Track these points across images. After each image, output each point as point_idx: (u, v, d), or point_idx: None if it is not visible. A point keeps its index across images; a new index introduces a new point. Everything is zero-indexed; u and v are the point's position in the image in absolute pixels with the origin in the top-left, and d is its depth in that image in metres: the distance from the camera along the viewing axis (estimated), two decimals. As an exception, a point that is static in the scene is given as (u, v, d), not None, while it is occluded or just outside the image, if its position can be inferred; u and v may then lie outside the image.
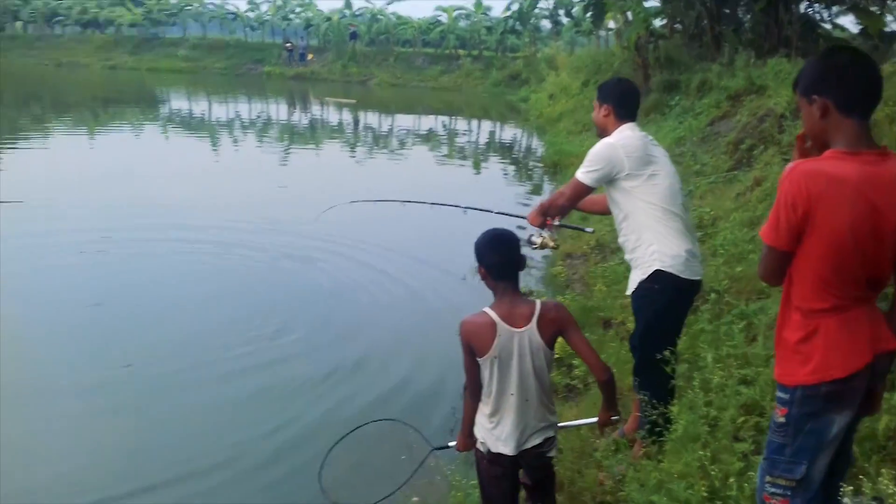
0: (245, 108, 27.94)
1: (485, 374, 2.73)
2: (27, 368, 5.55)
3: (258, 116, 25.54)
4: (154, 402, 5.13)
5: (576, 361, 4.88)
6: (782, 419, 2.24)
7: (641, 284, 3.47)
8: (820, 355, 2.17)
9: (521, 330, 2.66)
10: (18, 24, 53.48)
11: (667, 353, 3.23)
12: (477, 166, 16.63)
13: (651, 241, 3.42)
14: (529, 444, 2.76)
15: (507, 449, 2.74)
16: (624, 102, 3.61)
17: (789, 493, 2.25)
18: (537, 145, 17.99)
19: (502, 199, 12.10)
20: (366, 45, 41.74)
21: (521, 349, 2.67)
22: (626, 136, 3.50)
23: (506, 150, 19.16)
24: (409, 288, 7.47)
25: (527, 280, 7.24)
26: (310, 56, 40.91)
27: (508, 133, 22.54)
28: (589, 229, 3.75)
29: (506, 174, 15.46)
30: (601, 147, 3.49)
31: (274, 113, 26.86)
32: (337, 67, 39.35)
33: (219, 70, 41.10)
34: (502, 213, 4.32)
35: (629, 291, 3.61)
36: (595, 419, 2.96)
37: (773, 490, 2.28)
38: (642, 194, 3.42)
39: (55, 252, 8.37)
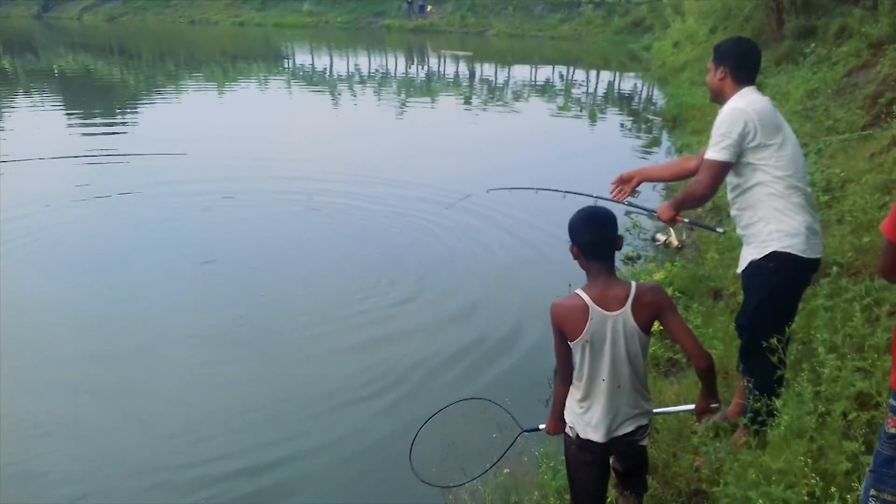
0: (364, 62, 28.25)
1: (576, 358, 2.62)
2: (146, 325, 5.85)
3: (377, 70, 25.79)
4: (258, 368, 5.24)
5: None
6: (894, 430, 2.02)
7: (754, 262, 3.22)
8: None
9: (614, 313, 2.53)
10: (155, -17, 56.07)
11: (774, 340, 2.98)
12: (593, 118, 16.18)
13: (769, 219, 3.16)
14: (621, 432, 2.64)
15: (597, 436, 2.63)
16: (742, 65, 3.28)
17: None
18: (658, 97, 17.24)
19: (618, 153, 11.79)
20: (485, -6, 41.09)
21: (615, 333, 2.54)
22: (754, 100, 3.20)
23: (624, 101, 18.47)
24: (538, 252, 7.28)
25: (636, 244, 6.96)
26: (429, 8, 40.71)
27: (628, 84, 21.72)
28: (720, 230, 3.41)
29: (623, 126, 14.97)
30: (730, 113, 3.16)
31: (392, 66, 27.02)
32: (455, 19, 38.99)
33: (340, 24, 41.66)
34: (632, 206, 4.13)
35: (740, 269, 3.36)
36: (693, 406, 2.80)
37: None
38: (768, 167, 3.14)
39: (179, 205, 8.86)
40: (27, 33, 42.30)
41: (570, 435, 2.74)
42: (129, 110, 17.80)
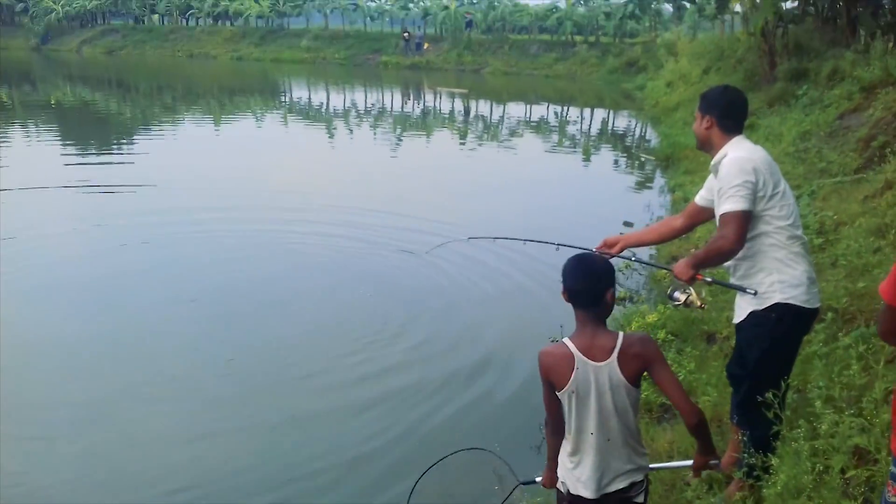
0: (361, 98, 28.40)
1: (564, 409, 2.54)
2: (122, 371, 5.60)
3: (373, 105, 25.94)
4: (242, 425, 4.97)
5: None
6: (894, 498, 1.92)
7: (756, 313, 3.10)
8: None
9: (599, 364, 2.44)
10: (155, 16, 56.57)
11: (770, 395, 2.88)
12: (587, 155, 16.26)
13: (771, 270, 3.06)
14: (613, 488, 2.53)
15: (588, 492, 2.52)
16: (729, 113, 3.21)
17: None
18: (651, 135, 17.33)
19: (612, 192, 11.79)
20: (481, 33, 41.52)
21: (600, 385, 2.44)
22: (754, 150, 3.12)
23: (617, 139, 18.56)
24: (533, 292, 7.06)
25: (628, 283, 6.87)
26: (426, 45, 41.11)
27: (622, 122, 21.85)
28: (750, 290, 3.09)
29: (616, 164, 15.03)
30: (738, 163, 3.03)
31: (389, 102, 27.17)
32: (452, 56, 39.36)
33: (338, 60, 41.98)
34: (640, 262, 3.96)
35: (737, 320, 3.23)
36: (690, 462, 2.70)
37: None
38: (771, 217, 3.05)
39: (161, 238, 8.75)
40: (25, 65, 42.48)
41: (562, 490, 2.64)
42: (124, 142, 17.79)
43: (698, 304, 3.20)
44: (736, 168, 3.02)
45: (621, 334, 2.49)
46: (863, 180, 6.67)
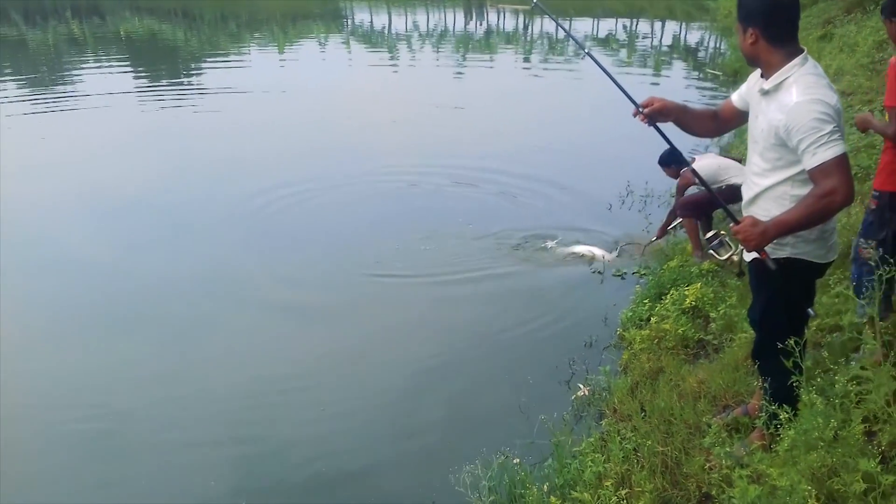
0: (423, 20, 27.81)
1: None
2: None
3: (435, 27, 25.39)
4: None
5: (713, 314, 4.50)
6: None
7: (758, 260, 2.75)
8: None
9: None
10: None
11: (791, 342, 2.54)
12: (658, 69, 15.62)
13: None
14: None
15: None
16: (775, 20, 2.59)
17: None
18: (725, 49, 16.48)
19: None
20: (547, -58, 39.67)
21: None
22: (829, 90, 2.55)
23: (689, 53, 17.73)
24: None
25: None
26: (490, -42, 39.70)
27: (694, 35, 20.80)
28: (811, 311, 2.78)
29: (687, 78, 14.41)
30: (823, 107, 2.48)
31: (450, 23, 26.53)
32: (516, -32, 37.94)
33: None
34: (704, 184, 3.31)
35: (748, 258, 2.91)
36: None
37: None
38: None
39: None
40: (94, -3, 43.01)
41: None
42: (193, 72, 17.98)
43: (736, 270, 2.71)
44: (821, 112, 2.48)
45: None
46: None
